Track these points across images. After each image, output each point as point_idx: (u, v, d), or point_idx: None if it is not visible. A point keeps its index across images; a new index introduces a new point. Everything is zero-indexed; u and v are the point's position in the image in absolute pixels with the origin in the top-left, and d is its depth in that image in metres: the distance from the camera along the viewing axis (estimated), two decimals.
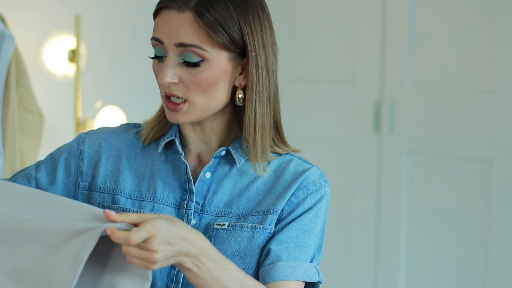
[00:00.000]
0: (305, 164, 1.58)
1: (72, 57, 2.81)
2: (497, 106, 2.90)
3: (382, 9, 3.16)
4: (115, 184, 1.55)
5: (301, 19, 3.41)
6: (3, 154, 2.54)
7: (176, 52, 1.46)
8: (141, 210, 1.52)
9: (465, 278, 3.01)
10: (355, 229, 3.27)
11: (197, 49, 1.45)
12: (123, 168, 1.56)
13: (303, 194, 1.54)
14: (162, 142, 1.56)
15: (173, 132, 1.55)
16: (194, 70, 1.46)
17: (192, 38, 1.45)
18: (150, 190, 1.54)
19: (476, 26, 2.94)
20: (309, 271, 1.55)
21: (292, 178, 1.54)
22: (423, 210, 3.10)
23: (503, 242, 2.90)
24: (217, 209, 1.52)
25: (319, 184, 1.57)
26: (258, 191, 1.54)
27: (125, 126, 1.63)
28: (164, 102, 1.50)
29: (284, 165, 1.57)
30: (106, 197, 1.55)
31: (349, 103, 3.27)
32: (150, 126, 1.57)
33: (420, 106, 3.08)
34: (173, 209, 1.53)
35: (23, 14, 2.93)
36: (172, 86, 1.47)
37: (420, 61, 3.09)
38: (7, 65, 2.54)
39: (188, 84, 1.47)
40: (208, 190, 1.53)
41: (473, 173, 2.98)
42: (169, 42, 1.45)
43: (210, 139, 1.55)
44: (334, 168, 3.33)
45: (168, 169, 1.55)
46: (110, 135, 1.59)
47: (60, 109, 3.02)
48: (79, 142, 1.59)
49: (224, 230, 1.51)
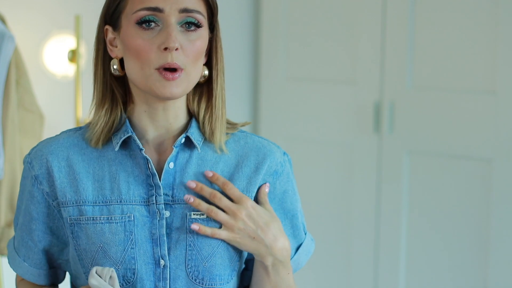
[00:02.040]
0: (262, 140, 1.59)
1: (72, 57, 2.81)
2: (497, 106, 2.90)
3: (382, 9, 3.16)
4: (76, 194, 1.51)
5: (301, 19, 3.41)
6: (3, 154, 2.54)
7: (178, 18, 1.46)
8: (111, 216, 1.50)
9: (465, 277, 3.01)
10: (355, 229, 3.27)
11: (199, 15, 1.48)
12: (79, 176, 1.52)
13: (273, 179, 1.56)
14: (118, 140, 1.52)
15: (127, 129, 1.51)
16: (193, 35, 1.47)
17: (194, 3, 1.47)
18: (114, 192, 1.51)
19: (476, 26, 2.94)
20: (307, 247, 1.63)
21: (257, 159, 1.56)
22: (423, 210, 3.10)
23: (503, 242, 2.90)
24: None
25: (284, 161, 1.59)
26: (223, 172, 1.54)
27: (65, 133, 1.57)
28: (158, 74, 1.45)
29: (241, 143, 1.57)
30: (71, 211, 1.51)
31: (349, 103, 3.27)
32: (98, 127, 1.52)
33: (420, 106, 3.08)
34: (142, 206, 1.50)
35: (23, 14, 2.93)
36: (174, 53, 1.45)
37: (420, 61, 3.09)
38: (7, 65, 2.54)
39: (188, 51, 1.47)
40: (173, 180, 1.52)
41: (473, 173, 2.98)
42: (171, 8, 1.45)
43: (170, 123, 1.53)
44: (334, 168, 3.33)
45: (127, 167, 1.52)
46: (53, 147, 1.55)
47: (60, 109, 3.02)
48: (29, 168, 1.55)
49: (205, 220, 1.50)
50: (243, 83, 3.60)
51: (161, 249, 1.49)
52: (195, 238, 1.50)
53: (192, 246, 1.49)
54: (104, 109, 1.52)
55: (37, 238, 1.56)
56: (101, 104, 1.52)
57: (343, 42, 3.29)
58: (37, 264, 1.59)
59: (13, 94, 2.56)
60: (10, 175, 2.57)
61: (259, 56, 3.59)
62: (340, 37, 3.30)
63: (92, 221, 1.50)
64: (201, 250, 1.49)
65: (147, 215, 1.50)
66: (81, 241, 1.51)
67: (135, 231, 1.49)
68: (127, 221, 1.49)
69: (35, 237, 1.56)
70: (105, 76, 1.53)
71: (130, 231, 1.49)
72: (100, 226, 1.50)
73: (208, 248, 1.50)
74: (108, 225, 1.50)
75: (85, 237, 1.50)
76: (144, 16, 1.46)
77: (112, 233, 1.49)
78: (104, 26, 1.54)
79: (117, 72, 1.52)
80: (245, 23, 3.59)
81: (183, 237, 1.49)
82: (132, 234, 1.49)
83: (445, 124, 3.02)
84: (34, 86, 2.78)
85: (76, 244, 1.51)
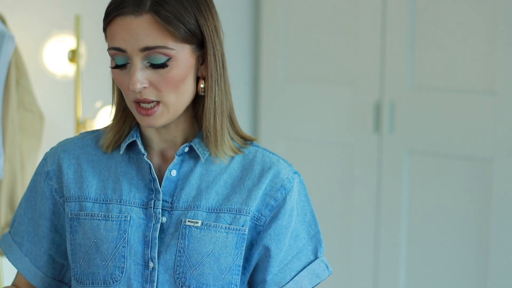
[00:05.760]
0: (271, 155, 1.57)
1: (72, 57, 2.81)
2: (497, 106, 2.90)
3: (382, 9, 3.16)
4: (80, 190, 1.55)
5: (301, 19, 3.41)
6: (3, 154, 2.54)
7: (141, 56, 1.45)
8: (109, 214, 1.53)
9: (465, 278, 3.01)
10: (355, 229, 3.27)
11: (163, 49, 1.45)
12: (86, 173, 1.56)
13: (281, 194, 1.54)
14: (123, 144, 1.56)
15: (134, 133, 1.55)
16: (162, 71, 1.46)
17: (156, 39, 1.44)
18: (116, 192, 1.54)
19: (476, 26, 2.94)
20: (316, 270, 1.58)
21: (261, 172, 1.54)
22: (423, 210, 3.10)
23: (503, 242, 2.90)
24: (186, 204, 1.52)
25: (292, 178, 1.56)
26: (226, 184, 1.54)
27: (82, 134, 1.62)
28: (134, 109, 1.48)
29: (250, 157, 1.56)
30: (73, 206, 1.55)
31: (349, 103, 3.27)
32: (110, 134, 1.57)
33: (420, 106, 3.08)
34: (140, 209, 1.53)
35: (23, 14, 2.93)
36: (143, 91, 1.46)
37: (420, 61, 3.09)
38: (7, 65, 2.54)
39: (159, 86, 1.46)
40: (175, 188, 1.53)
41: (473, 173, 2.98)
42: (132, 49, 1.45)
43: (175, 136, 1.55)
44: (334, 168, 3.33)
45: (132, 170, 1.55)
46: (68, 146, 1.60)
47: (60, 109, 3.02)
48: (44, 164, 1.60)
49: (198, 228, 1.51)
50: (243, 83, 3.60)
51: (151, 251, 1.51)
52: (186, 244, 1.50)
53: (182, 252, 1.50)
54: (117, 118, 1.57)
55: (41, 234, 1.59)
56: (115, 114, 1.57)
57: (343, 42, 3.29)
58: (37, 262, 1.61)
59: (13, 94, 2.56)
60: (10, 175, 2.57)
61: (259, 56, 3.59)
62: (340, 37, 3.30)
63: (90, 217, 1.53)
64: (190, 257, 1.50)
65: (144, 217, 1.52)
66: (77, 236, 1.53)
67: (129, 231, 1.51)
68: (122, 221, 1.52)
69: (40, 232, 1.60)
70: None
71: (124, 230, 1.51)
72: (96, 222, 1.53)
73: (197, 256, 1.50)
74: (104, 222, 1.53)
75: (82, 231, 1.53)
76: (114, 55, 1.48)
77: (107, 230, 1.52)
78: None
79: None
80: (245, 23, 3.59)
81: (174, 242, 1.50)
82: (125, 233, 1.51)
83: (445, 124, 3.02)
84: (34, 86, 2.78)
85: (72, 238, 1.54)
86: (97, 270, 1.51)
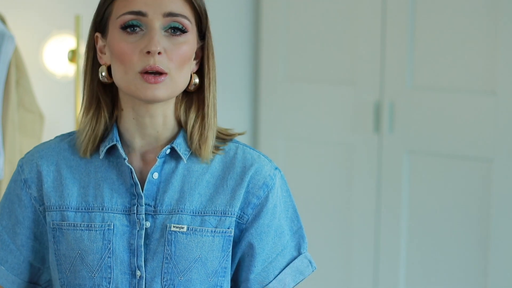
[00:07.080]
0: (252, 152, 1.56)
1: (72, 57, 2.81)
2: (497, 106, 2.90)
3: (382, 9, 3.16)
4: (61, 199, 1.52)
5: (301, 20, 3.41)
6: (3, 154, 2.54)
7: (162, 22, 1.45)
8: (92, 223, 1.50)
9: (465, 278, 3.01)
10: (355, 229, 3.27)
11: (184, 19, 1.46)
12: (66, 181, 1.52)
13: (264, 192, 1.53)
14: (103, 148, 1.52)
15: (113, 137, 1.51)
16: (177, 41, 1.46)
17: (179, 7, 1.46)
18: (97, 199, 1.51)
19: (476, 26, 2.94)
20: (299, 267, 1.57)
21: (243, 170, 1.53)
22: (423, 210, 3.10)
23: (503, 242, 2.90)
24: (169, 207, 1.50)
25: (274, 175, 1.55)
26: (209, 184, 1.52)
27: (58, 138, 1.58)
28: (139, 80, 1.45)
29: (231, 154, 1.55)
30: (54, 215, 1.52)
31: (349, 103, 3.27)
32: (85, 136, 1.52)
33: (420, 106, 3.08)
34: (124, 215, 1.50)
35: (23, 14, 2.93)
36: (156, 57, 1.44)
37: (420, 61, 3.09)
38: (7, 65, 2.54)
39: (172, 55, 1.45)
40: (157, 191, 1.51)
41: (473, 173, 2.98)
42: (154, 12, 1.45)
43: (158, 132, 1.52)
44: (334, 168, 3.33)
45: (113, 175, 1.52)
46: (44, 151, 1.55)
47: (60, 109, 3.02)
48: (20, 172, 1.55)
49: (184, 234, 1.49)
50: (243, 84, 3.59)
51: (137, 259, 1.49)
52: (173, 251, 1.48)
53: (169, 259, 1.48)
54: (89, 116, 1.52)
55: (20, 243, 1.56)
56: (86, 111, 1.52)
57: (343, 43, 3.29)
58: (15, 270, 1.57)
59: (13, 94, 2.56)
60: (10, 175, 2.57)
61: (259, 57, 3.59)
62: (340, 37, 3.30)
63: (72, 227, 1.50)
64: (178, 263, 1.48)
65: (127, 224, 1.50)
66: (61, 246, 1.51)
67: (114, 240, 1.49)
68: (106, 230, 1.49)
69: (18, 241, 1.56)
70: (93, 84, 1.52)
71: (108, 240, 1.49)
72: (79, 233, 1.50)
73: (184, 262, 1.48)
74: (87, 232, 1.50)
75: (65, 242, 1.50)
76: (128, 20, 1.46)
77: (91, 241, 1.49)
78: (94, 34, 1.54)
79: (105, 79, 1.51)
80: (245, 23, 3.59)
81: (160, 249, 1.49)
82: (110, 243, 1.49)
83: (445, 124, 3.02)
84: (34, 86, 2.78)
85: (56, 249, 1.51)
86: (83, 282, 1.49)
